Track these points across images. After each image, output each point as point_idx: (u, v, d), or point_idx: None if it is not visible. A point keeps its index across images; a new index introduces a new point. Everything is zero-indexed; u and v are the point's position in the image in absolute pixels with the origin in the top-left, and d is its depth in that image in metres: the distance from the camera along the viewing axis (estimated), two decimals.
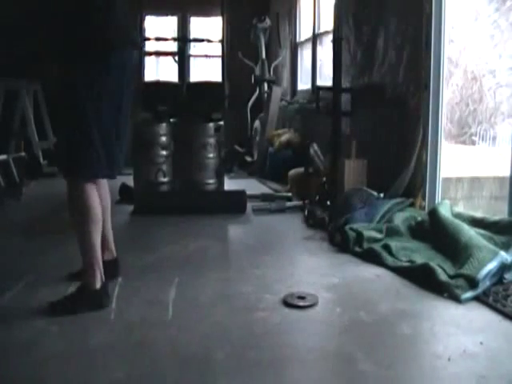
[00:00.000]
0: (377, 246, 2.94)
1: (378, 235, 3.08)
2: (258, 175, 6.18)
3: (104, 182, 2.47)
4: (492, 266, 2.38)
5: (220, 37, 6.47)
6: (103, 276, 2.27)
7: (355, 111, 4.52)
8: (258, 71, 7.29)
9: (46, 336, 1.97)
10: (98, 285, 2.24)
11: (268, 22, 7.45)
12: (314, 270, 2.87)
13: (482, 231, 2.83)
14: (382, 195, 3.68)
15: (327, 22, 5.80)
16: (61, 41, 2.30)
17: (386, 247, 2.91)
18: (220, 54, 6.48)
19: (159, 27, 8.26)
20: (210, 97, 4.86)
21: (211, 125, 4.60)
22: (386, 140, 4.15)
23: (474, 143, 4.67)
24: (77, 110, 2.19)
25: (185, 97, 4.91)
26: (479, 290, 2.30)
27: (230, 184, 5.04)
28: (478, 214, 3.20)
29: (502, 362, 1.77)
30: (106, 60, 2.21)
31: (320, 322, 2.13)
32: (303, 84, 6.92)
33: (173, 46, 7.87)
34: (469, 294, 2.28)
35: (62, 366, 1.75)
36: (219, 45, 6.54)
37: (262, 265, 2.84)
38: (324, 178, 4.29)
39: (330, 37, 4.51)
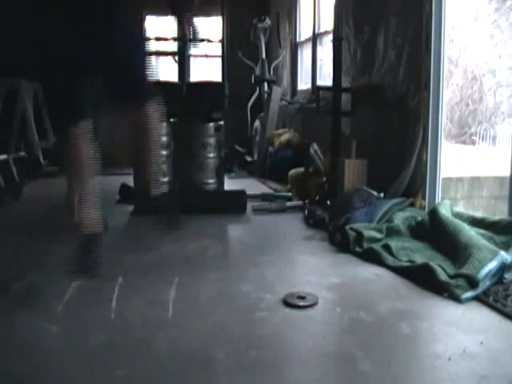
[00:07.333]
0: (377, 246, 2.94)
1: (378, 235, 3.08)
2: (258, 175, 6.18)
3: None
4: (492, 265, 2.38)
5: (220, 37, 6.47)
6: None
7: (355, 111, 4.52)
8: (258, 71, 7.29)
9: (46, 336, 1.96)
10: None
11: (268, 21, 7.46)
12: (314, 269, 2.87)
13: (482, 231, 2.83)
14: (382, 195, 3.69)
15: (327, 22, 5.80)
16: None
17: (386, 247, 2.91)
18: (220, 53, 6.48)
19: (159, 27, 8.26)
20: (210, 97, 4.85)
21: (211, 125, 4.60)
22: (386, 140, 4.15)
23: (474, 143, 4.68)
24: None
25: (185, 97, 4.91)
26: (479, 290, 2.30)
27: (230, 184, 5.04)
28: (478, 214, 3.20)
29: (503, 361, 1.77)
30: None
31: (320, 321, 2.13)
32: (303, 84, 6.92)
33: (173, 46, 7.87)
34: (469, 294, 2.28)
35: (62, 366, 1.75)
36: (219, 45, 6.54)
37: (262, 264, 2.84)
38: (324, 178, 4.29)
39: (330, 37, 4.51)
